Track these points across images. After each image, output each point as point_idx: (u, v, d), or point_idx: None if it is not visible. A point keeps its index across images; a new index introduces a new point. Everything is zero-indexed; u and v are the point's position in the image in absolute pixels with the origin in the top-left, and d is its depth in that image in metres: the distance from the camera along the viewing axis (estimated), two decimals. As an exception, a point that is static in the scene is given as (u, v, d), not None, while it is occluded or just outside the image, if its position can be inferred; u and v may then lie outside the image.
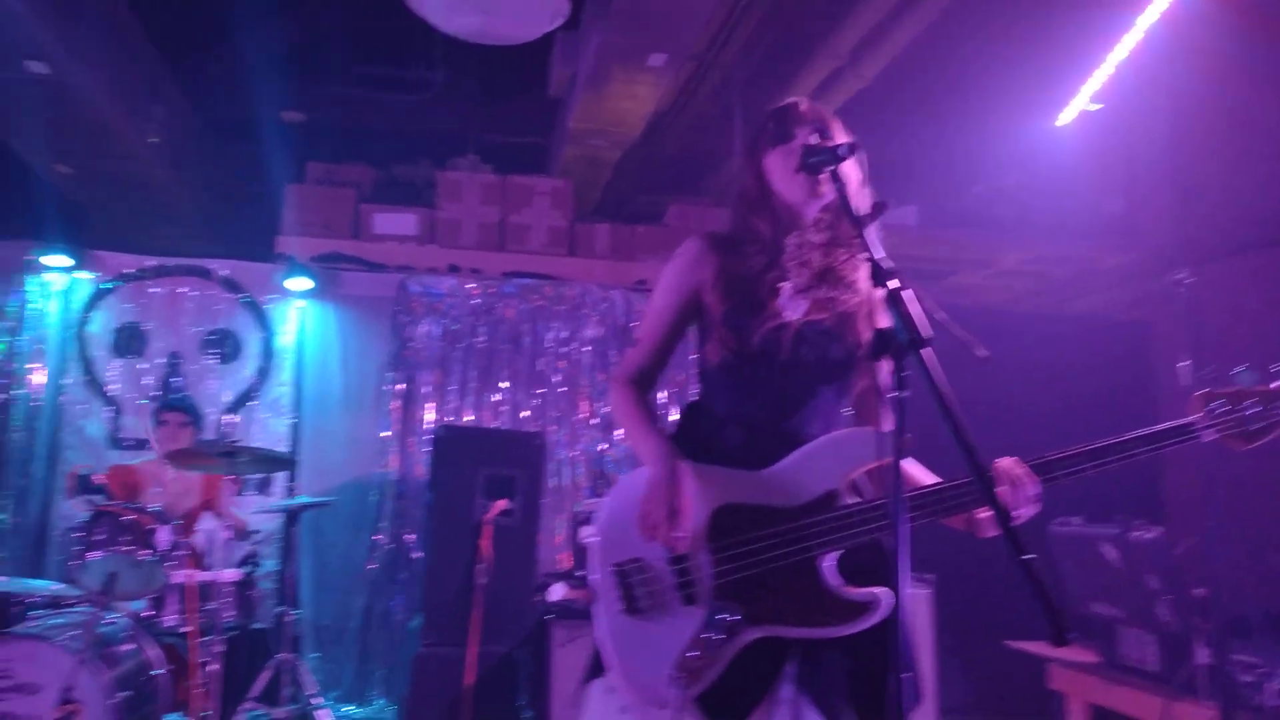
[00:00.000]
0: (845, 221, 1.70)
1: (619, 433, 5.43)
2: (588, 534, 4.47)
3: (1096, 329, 5.64)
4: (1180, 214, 5.48)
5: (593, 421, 5.46)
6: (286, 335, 5.32)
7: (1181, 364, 2.58)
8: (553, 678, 3.93)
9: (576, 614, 4.09)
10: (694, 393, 1.90)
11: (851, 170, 1.71)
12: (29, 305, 5.01)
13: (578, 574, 4.42)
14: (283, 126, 7.08)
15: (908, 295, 1.36)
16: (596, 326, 5.60)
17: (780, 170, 1.79)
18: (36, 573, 4.25)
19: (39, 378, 4.96)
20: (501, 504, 4.29)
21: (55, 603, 3.65)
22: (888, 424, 1.34)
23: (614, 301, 5.64)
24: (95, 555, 3.55)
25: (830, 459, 1.69)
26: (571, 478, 5.38)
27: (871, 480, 1.76)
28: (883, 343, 1.33)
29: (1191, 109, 5.44)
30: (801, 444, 1.72)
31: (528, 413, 5.42)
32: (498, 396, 5.43)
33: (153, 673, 3.47)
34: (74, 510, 4.13)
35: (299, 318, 5.36)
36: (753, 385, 1.78)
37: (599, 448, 5.45)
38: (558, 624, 4.02)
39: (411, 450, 5.21)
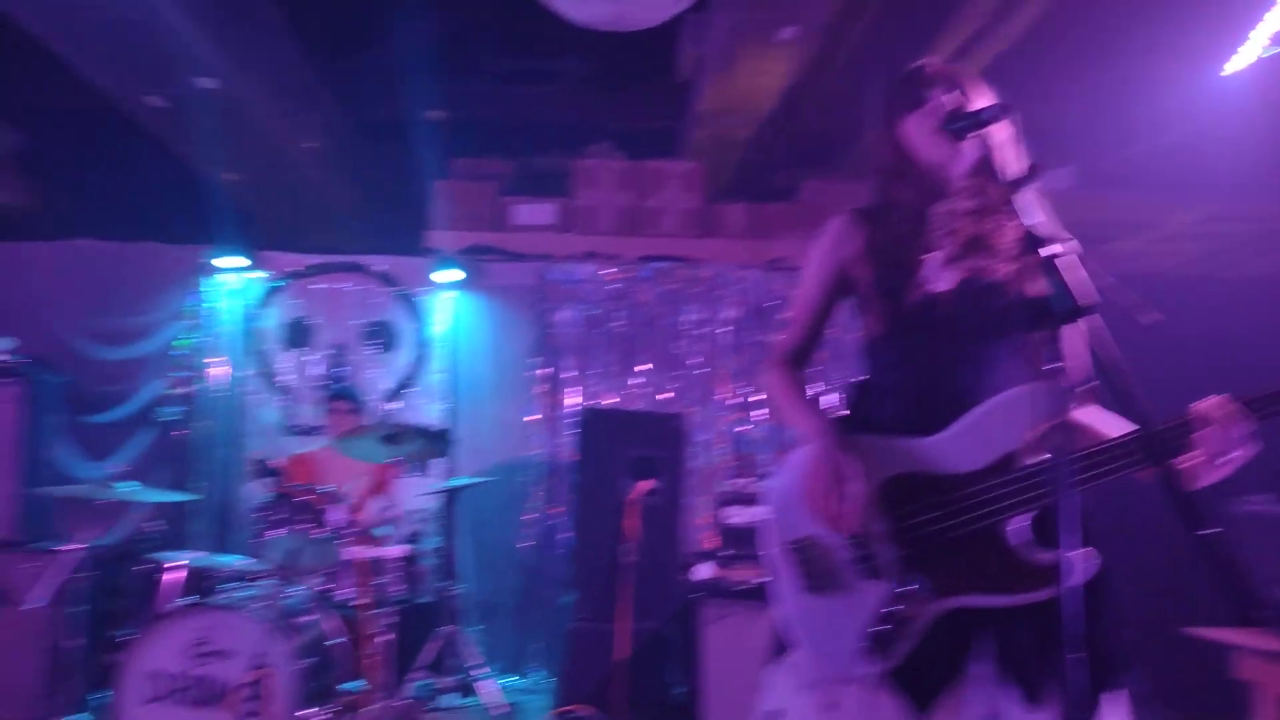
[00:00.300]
0: (995, 187, 1.65)
1: (760, 413, 5.43)
2: (731, 515, 4.50)
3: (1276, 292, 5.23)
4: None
5: (731, 402, 5.48)
6: (439, 325, 5.58)
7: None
8: (703, 655, 3.99)
9: (724, 593, 4.13)
10: (840, 373, 1.90)
11: (1000, 132, 1.64)
12: (206, 305, 5.44)
13: (722, 553, 4.47)
14: (427, 125, 7.38)
15: (1068, 261, 1.31)
16: (733, 307, 5.61)
17: (919, 134, 1.75)
18: (222, 549, 4.62)
19: (219, 371, 5.38)
20: (648, 484, 4.37)
21: (241, 576, 3.95)
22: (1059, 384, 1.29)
23: (750, 281, 5.63)
24: (276, 533, 3.85)
25: (1004, 420, 1.63)
26: (712, 459, 5.42)
27: (1052, 438, 1.68)
28: (1041, 312, 1.29)
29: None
30: (970, 408, 1.67)
31: (668, 394, 5.50)
32: (638, 379, 5.53)
33: (331, 642, 3.71)
34: (254, 492, 4.48)
35: (449, 308, 5.61)
36: (913, 353, 1.75)
37: (738, 428, 5.47)
38: (706, 602, 4.08)
39: (558, 433, 5.38)
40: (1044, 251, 1.33)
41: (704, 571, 4.28)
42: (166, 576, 3.77)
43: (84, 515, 3.82)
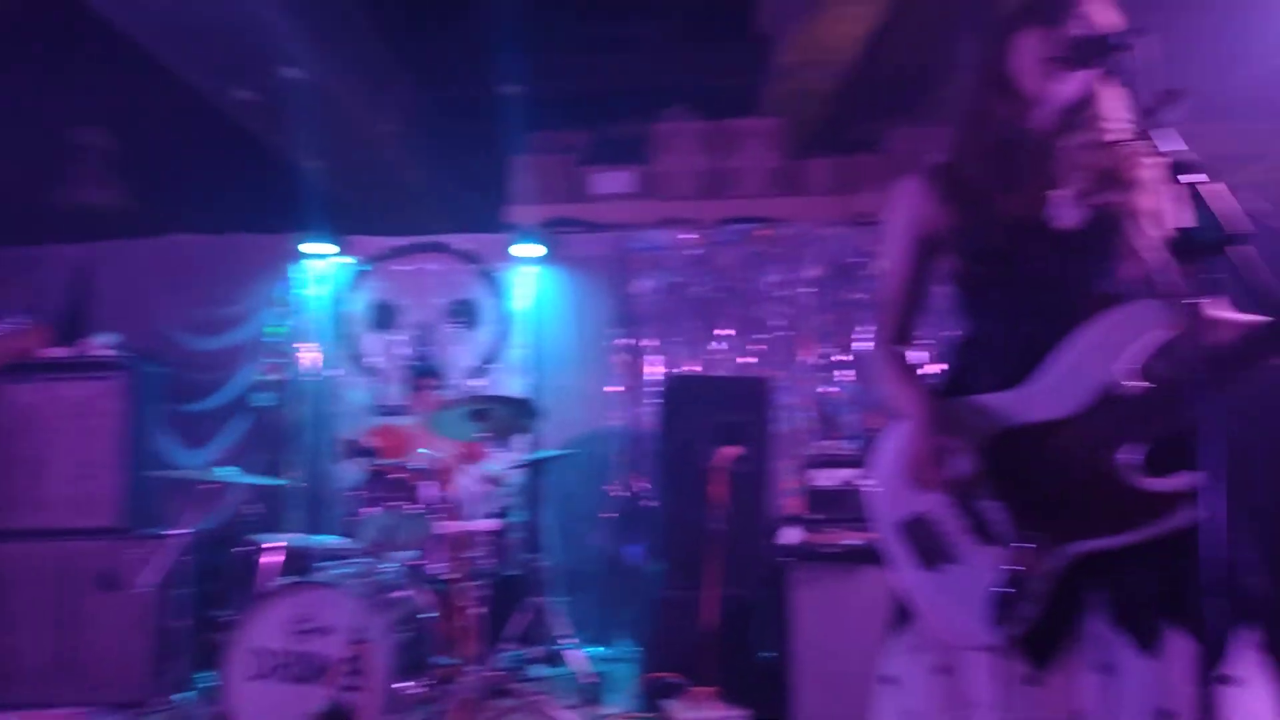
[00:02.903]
0: (1128, 117, 1.57)
1: (845, 374, 5.29)
2: (818, 478, 4.41)
3: None
4: None
5: (816, 364, 5.35)
6: (521, 300, 5.61)
7: None
8: (794, 619, 3.94)
9: (813, 556, 4.06)
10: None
11: (1133, 60, 1.49)
12: (296, 291, 5.61)
13: (810, 517, 4.38)
14: (504, 100, 7.40)
15: (1215, 189, 1.22)
16: (816, 266, 5.46)
17: (1029, 55, 1.62)
18: (315, 529, 4.78)
19: (310, 355, 5.55)
20: (733, 450, 4.31)
21: (337, 554, 4.08)
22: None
23: (833, 239, 5.46)
24: (370, 511, 3.95)
25: (1099, 349, 1.54)
26: (797, 422, 5.31)
27: (1164, 354, 1.51)
28: (1189, 243, 1.19)
29: None
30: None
31: (750, 359, 5.40)
32: (719, 345, 5.44)
33: (425, 616, 3.80)
34: (345, 473, 4.61)
35: (531, 282, 5.63)
36: (1011, 297, 1.66)
37: (823, 390, 5.34)
38: (795, 568, 4.01)
39: (639, 402, 5.36)
40: (1188, 180, 1.26)
41: (792, 536, 4.21)
42: (266, 557, 3.92)
43: (186, 501, 4.00)
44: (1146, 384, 1.49)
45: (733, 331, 5.44)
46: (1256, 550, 1.47)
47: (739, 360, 5.41)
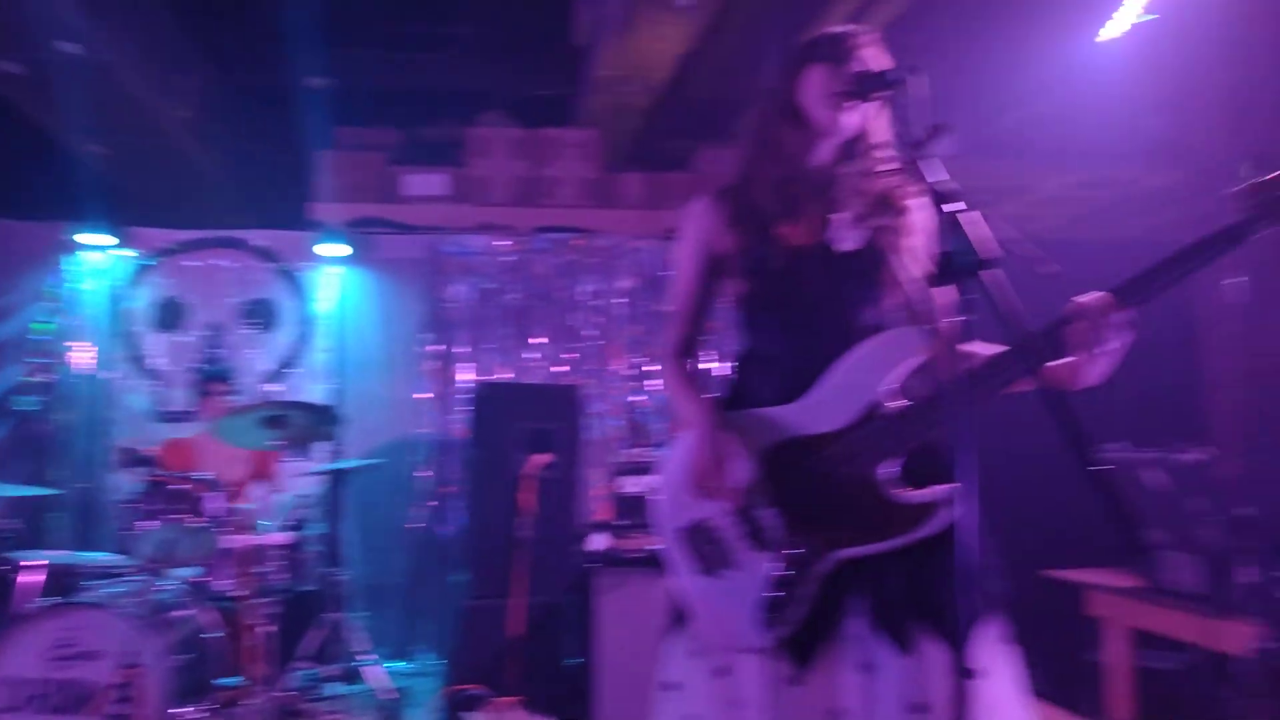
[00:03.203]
0: (897, 148, 1.70)
1: (654, 383, 5.42)
2: (626, 485, 4.49)
3: (1139, 252, 5.44)
4: (1233, 129, 5.22)
5: (627, 373, 5.45)
6: (324, 301, 5.38)
7: (1231, 280, 2.48)
8: (597, 625, 3.99)
9: (619, 562, 4.13)
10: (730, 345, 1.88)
11: (905, 95, 1.60)
12: (69, 286, 5.13)
13: (617, 523, 4.46)
14: (311, 93, 7.09)
15: (971, 217, 1.33)
16: (629, 278, 5.56)
17: (816, 88, 1.73)
18: (86, 545, 4.39)
19: (83, 356, 5.09)
20: (543, 458, 4.32)
21: (109, 572, 3.76)
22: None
23: (646, 252, 5.58)
24: (148, 525, 3.66)
25: (866, 368, 1.66)
26: (608, 430, 5.39)
27: (922, 375, 1.68)
28: (947, 266, 1.29)
29: (1246, 17, 5.14)
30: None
31: (563, 368, 5.43)
32: (532, 353, 5.44)
33: (208, 636, 3.57)
34: (122, 483, 4.25)
35: (335, 283, 5.41)
36: (787, 316, 1.76)
37: (634, 399, 5.45)
38: (600, 573, 4.07)
39: (450, 410, 5.26)
40: (948, 208, 1.35)
41: (599, 542, 4.27)
42: (23, 577, 3.55)
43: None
44: (905, 402, 1.63)
45: (546, 340, 5.45)
46: (998, 554, 1.63)
47: (552, 369, 5.42)
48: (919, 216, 1.73)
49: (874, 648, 1.60)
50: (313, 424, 4.00)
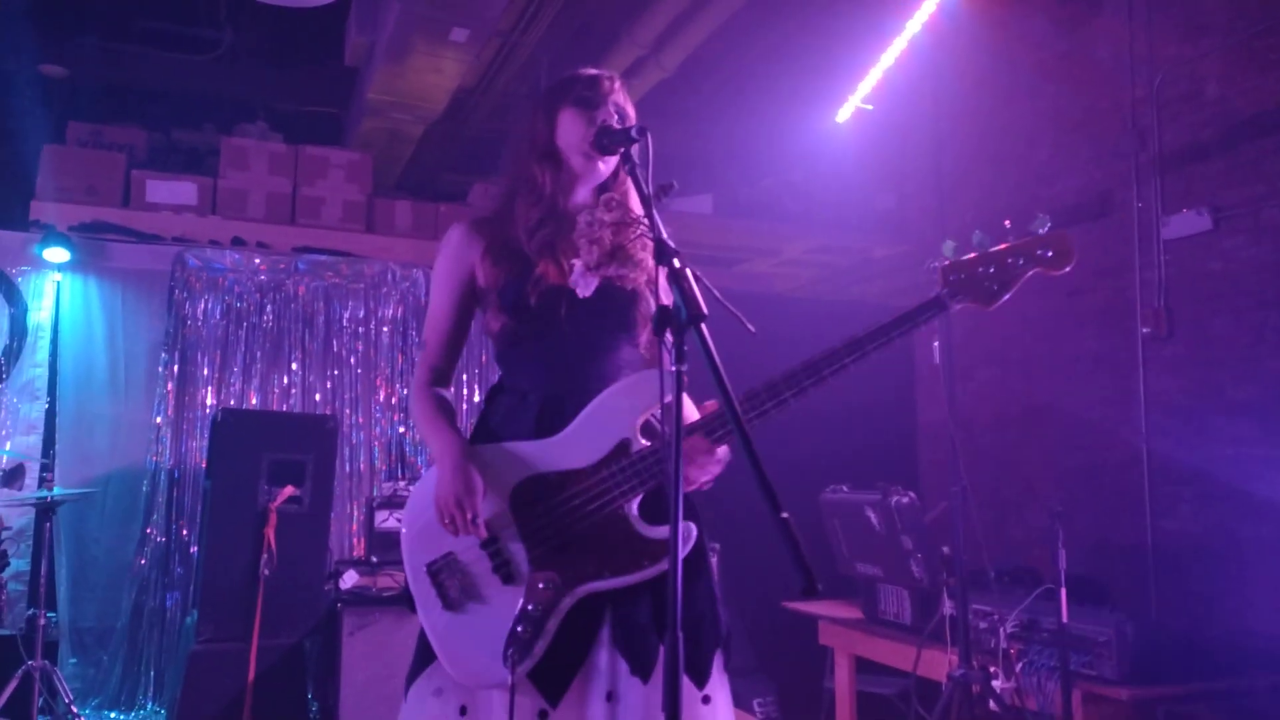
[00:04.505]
0: (634, 201, 1.76)
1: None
2: (383, 520, 4.36)
3: (867, 313, 6.05)
4: (941, 208, 5.97)
5: (391, 403, 5.30)
6: (42, 311, 4.82)
7: (935, 343, 2.84)
8: (342, 666, 3.82)
9: (369, 601, 3.99)
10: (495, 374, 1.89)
11: (641, 152, 1.71)
12: None
13: (369, 560, 4.31)
14: (42, 81, 6.39)
15: (689, 273, 1.40)
16: (397, 306, 5.43)
17: (572, 133, 1.80)
18: None
19: None
20: (288, 490, 4.09)
21: None
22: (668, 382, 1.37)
23: (416, 280, 5.48)
24: None
25: (613, 410, 1.72)
26: (369, 461, 5.20)
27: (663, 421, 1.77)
28: (665, 318, 1.36)
29: (953, 112, 5.92)
30: None
31: (321, 396, 5.18)
32: (287, 379, 5.15)
33: None
34: None
35: (56, 292, 4.87)
36: (540, 354, 1.80)
37: (398, 430, 5.30)
38: (349, 611, 3.91)
39: (187, 437, 4.86)
40: (673, 263, 1.42)
41: (349, 580, 4.10)
42: None
43: None
44: (647, 443, 1.72)
45: (296, 366, 5.17)
46: (720, 587, 1.75)
47: (313, 397, 5.15)
48: (650, 267, 1.80)
49: (618, 677, 1.66)
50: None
